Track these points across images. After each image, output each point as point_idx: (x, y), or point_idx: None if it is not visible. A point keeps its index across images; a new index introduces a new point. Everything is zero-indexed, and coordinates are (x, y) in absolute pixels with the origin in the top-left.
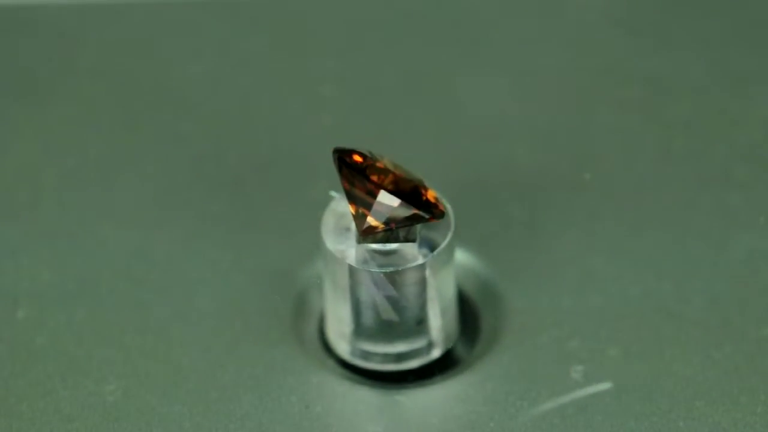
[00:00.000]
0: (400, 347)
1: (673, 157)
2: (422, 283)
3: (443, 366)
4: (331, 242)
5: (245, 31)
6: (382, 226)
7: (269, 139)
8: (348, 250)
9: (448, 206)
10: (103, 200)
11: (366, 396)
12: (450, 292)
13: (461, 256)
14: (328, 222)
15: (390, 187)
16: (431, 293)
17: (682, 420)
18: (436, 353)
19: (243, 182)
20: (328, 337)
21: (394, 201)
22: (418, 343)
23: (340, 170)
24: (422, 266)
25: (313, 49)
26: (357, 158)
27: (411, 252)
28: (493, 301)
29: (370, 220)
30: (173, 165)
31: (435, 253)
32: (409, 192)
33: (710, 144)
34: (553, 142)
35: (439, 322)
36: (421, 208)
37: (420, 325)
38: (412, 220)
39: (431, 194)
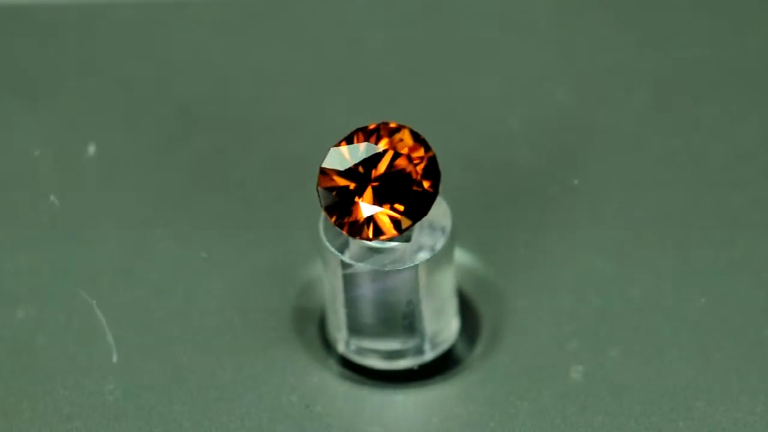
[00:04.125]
0: (392, 345)
1: (673, 157)
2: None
3: (443, 366)
4: (329, 239)
5: (245, 31)
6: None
7: (269, 139)
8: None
9: (443, 226)
10: (103, 200)
11: (366, 396)
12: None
13: (461, 256)
14: (327, 220)
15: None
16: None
17: (682, 420)
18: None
19: (243, 182)
20: (328, 333)
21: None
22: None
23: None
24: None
25: (313, 48)
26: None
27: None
28: (493, 301)
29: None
30: (173, 165)
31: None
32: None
33: (710, 144)
34: (553, 142)
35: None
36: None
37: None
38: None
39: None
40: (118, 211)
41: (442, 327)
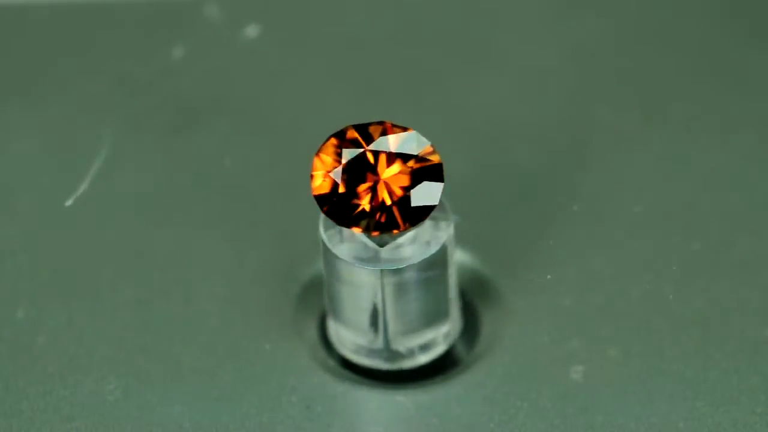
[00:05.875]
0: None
1: (673, 157)
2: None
3: (443, 366)
4: (329, 238)
5: (245, 31)
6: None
7: (269, 139)
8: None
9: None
10: (103, 199)
11: (366, 396)
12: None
13: (461, 255)
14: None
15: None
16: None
17: (682, 420)
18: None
19: (243, 182)
20: (329, 332)
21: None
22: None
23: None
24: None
25: (313, 48)
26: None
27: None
28: (493, 301)
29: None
30: (173, 164)
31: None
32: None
33: (710, 144)
34: (553, 142)
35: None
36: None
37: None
38: None
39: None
40: (118, 211)
41: (415, 347)
